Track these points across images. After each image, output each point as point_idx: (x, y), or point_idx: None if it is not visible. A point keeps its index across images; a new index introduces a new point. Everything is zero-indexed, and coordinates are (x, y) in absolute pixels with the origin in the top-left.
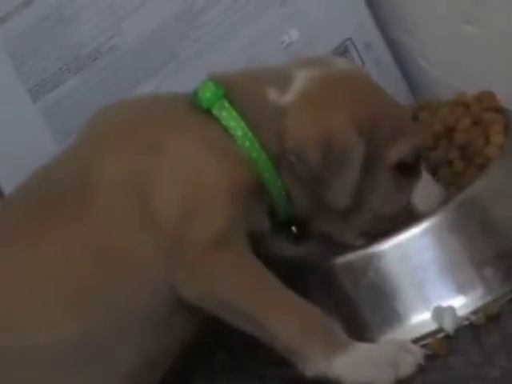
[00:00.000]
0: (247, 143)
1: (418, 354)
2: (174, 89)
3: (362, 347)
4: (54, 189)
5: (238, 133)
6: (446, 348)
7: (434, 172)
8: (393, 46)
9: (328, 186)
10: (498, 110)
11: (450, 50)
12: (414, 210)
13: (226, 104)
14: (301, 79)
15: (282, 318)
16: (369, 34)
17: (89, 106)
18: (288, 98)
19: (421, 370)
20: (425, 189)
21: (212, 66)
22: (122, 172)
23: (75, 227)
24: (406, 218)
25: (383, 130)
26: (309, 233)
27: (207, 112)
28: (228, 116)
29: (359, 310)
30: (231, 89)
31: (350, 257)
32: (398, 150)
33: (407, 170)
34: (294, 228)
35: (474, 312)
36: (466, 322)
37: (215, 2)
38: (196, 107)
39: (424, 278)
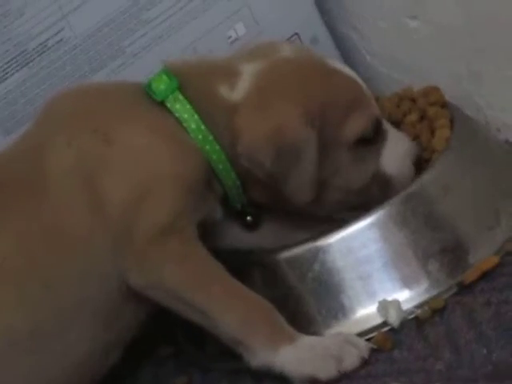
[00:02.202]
0: (200, 136)
1: (362, 348)
2: None
3: (307, 340)
4: (8, 173)
5: (192, 125)
6: (391, 341)
7: None
8: (339, 40)
9: (286, 183)
10: (444, 104)
11: (395, 44)
12: (386, 174)
13: (180, 97)
14: (247, 75)
15: (226, 308)
16: (315, 28)
17: (36, 100)
18: (236, 95)
19: (366, 363)
20: (393, 148)
21: (159, 59)
22: (72, 158)
23: (28, 212)
24: (381, 184)
25: (335, 113)
26: (261, 220)
27: (161, 104)
28: (182, 109)
29: (305, 303)
30: (184, 82)
31: (296, 250)
32: (353, 128)
33: (368, 142)
34: (248, 217)
35: (419, 305)
36: (411, 316)
37: None
38: (149, 98)
39: (369, 271)
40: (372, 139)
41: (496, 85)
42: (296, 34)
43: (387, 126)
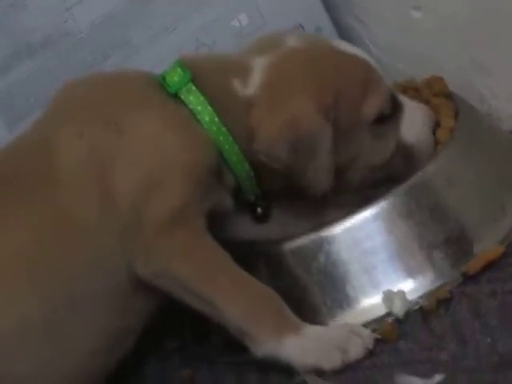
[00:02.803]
0: (214, 128)
1: (367, 338)
2: None
3: (312, 330)
4: (19, 165)
5: (206, 117)
6: (396, 332)
7: None
8: (343, 31)
9: (303, 175)
10: (448, 95)
11: (400, 35)
12: (406, 144)
13: (194, 88)
14: (259, 69)
15: (232, 298)
16: (319, 19)
17: (40, 93)
18: (249, 90)
19: (371, 353)
20: (411, 118)
21: (164, 51)
22: (84, 150)
23: (40, 203)
24: (404, 155)
25: (350, 97)
26: (271, 213)
27: (175, 96)
28: (195, 100)
29: (310, 293)
30: (198, 75)
31: (302, 241)
32: (371, 108)
33: (387, 118)
34: (259, 209)
35: (424, 296)
36: (416, 307)
37: None
38: (163, 89)
39: (374, 262)
40: (390, 114)
41: (500, 75)
42: (299, 24)
43: (401, 97)
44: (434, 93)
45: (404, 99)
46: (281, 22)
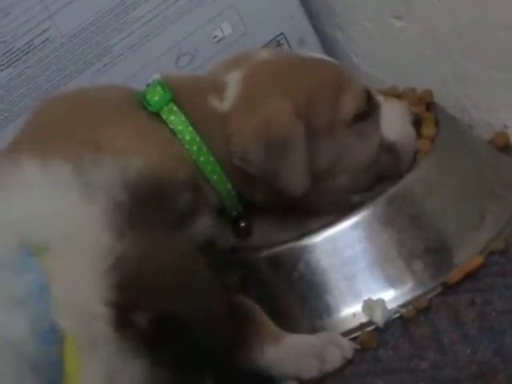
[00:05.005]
0: (195, 147)
1: (346, 348)
2: (108, 82)
3: (291, 339)
4: None
5: (186, 137)
6: (376, 341)
7: None
8: (325, 41)
9: (279, 177)
10: (430, 104)
11: (382, 45)
12: (389, 141)
13: (175, 108)
14: (233, 83)
15: None
16: (301, 29)
17: (21, 100)
18: (226, 104)
19: (350, 362)
20: (389, 115)
21: (145, 59)
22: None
23: None
24: (388, 154)
25: (325, 97)
26: (254, 228)
27: (155, 114)
28: (176, 120)
29: (290, 302)
30: (177, 94)
31: (281, 250)
32: (347, 106)
33: (365, 115)
34: (242, 224)
35: (404, 305)
36: (396, 315)
37: None
38: (143, 108)
39: (354, 271)
40: (367, 112)
41: (481, 86)
42: (282, 34)
43: (377, 96)
44: (416, 99)
45: (379, 97)
46: (263, 32)
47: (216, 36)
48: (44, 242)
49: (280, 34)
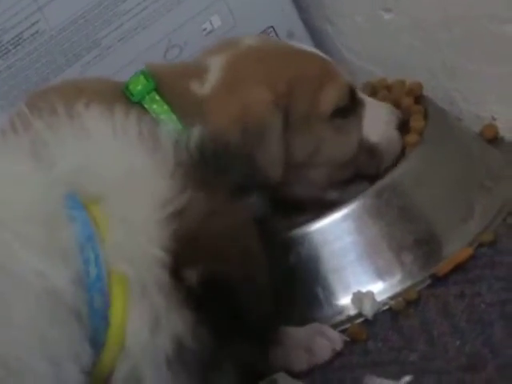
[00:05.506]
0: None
1: (335, 340)
2: (97, 74)
3: (280, 332)
4: None
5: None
6: (366, 333)
7: None
8: (315, 34)
9: (254, 161)
10: (419, 97)
11: (371, 38)
12: (370, 142)
13: (157, 97)
14: (215, 67)
15: None
16: (291, 22)
17: (10, 93)
18: (206, 88)
19: (340, 354)
20: (373, 116)
21: (135, 51)
22: None
23: None
24: (368, 154)
25: (306, 87)
26: None
27: (138, 104)
28: (159, 109)
29: (279, 294)
30: (161, 83)
31: None
32: (328, 99)
33: (346, 112)
34: None
35: (393, 297)
36: (386, 307)
37: None
38: (127, 99)
39: (344, 263)
40: (349, 108)
41: (470, 78)
42: (271, 27)
43: (363, 95)
44: (404, 94)
45: (365, 97)
46: (253, 25)
47: (205, 29)
48: (99, 190)
49: (269, 27)
